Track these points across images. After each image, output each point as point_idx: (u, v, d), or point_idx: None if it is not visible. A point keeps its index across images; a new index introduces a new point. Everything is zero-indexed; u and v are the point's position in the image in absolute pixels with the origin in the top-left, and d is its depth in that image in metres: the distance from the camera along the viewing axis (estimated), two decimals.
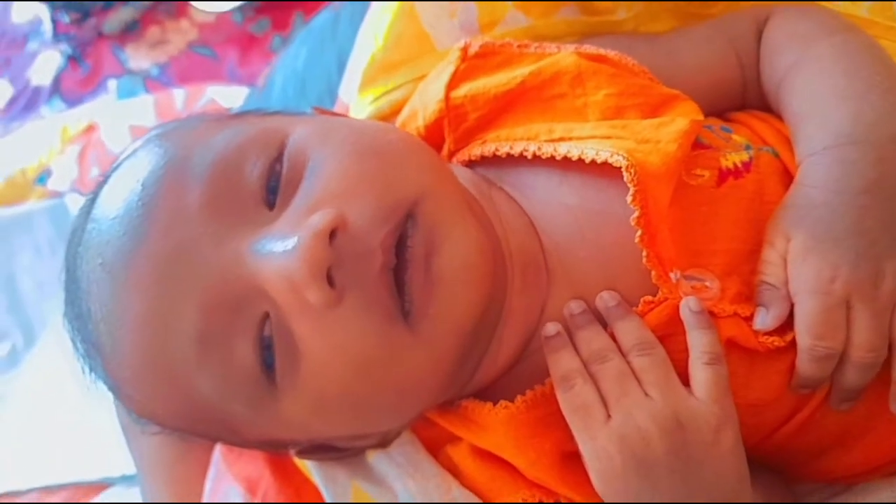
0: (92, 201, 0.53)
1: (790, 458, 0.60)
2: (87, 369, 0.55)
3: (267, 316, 0.48)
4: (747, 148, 0.60)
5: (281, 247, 0.46)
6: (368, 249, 0.47)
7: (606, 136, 0.56)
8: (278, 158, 0.50)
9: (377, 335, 0.47)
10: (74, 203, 1.18)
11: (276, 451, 0.63)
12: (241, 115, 0.57)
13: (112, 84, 1.57)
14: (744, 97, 0.68)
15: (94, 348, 0.51)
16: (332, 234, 0.46)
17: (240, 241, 0.48)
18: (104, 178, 0.53)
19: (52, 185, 1.22)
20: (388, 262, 0.48)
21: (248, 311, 0.48)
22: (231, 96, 1.32)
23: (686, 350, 0.54)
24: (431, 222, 0.49)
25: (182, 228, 0.48)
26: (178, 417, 0.52)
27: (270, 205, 0.49)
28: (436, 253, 0.48)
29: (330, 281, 0.46)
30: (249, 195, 0.49)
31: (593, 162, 0.55)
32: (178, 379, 0.49)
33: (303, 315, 0.47)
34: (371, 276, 0.47)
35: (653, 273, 0.54)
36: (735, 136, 0.61)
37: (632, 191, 0.52)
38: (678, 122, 0.56)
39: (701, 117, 0.58)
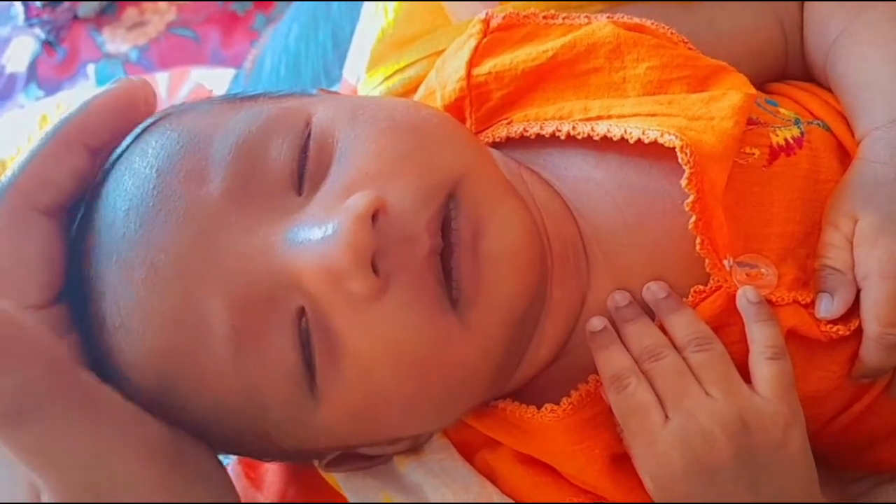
0: (96, 193, 0.48)
1: (840, 448, 0.57)
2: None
3: (302, 311, 0.44)
4: (797, 122, 0.56)
5: (318, 233, 0.42)
6: (413, 233, 0.43)
7: (651, 114, 0.52)
8: (305, 140, 0.46)
9: (426, 326, 0.44)
10: None
11: (304, 463, 0.59)
12: (254, 97, 0.52)
13: (91, 69, 1.51)
14: (785, 67, 0.65)
15: (108, 358, 0.46)
16: (374, 218, 0.42)
17: (268, 230, 0.44)
18: (108, 166, 0.48)
19: None
20: (435, 247, 0.44)
21: (282, 306, 0.44)
22: (216, 79, 1.28)
23: (741, 341, 0.50)
24: (476, 202, 0.46)
25: (205, 218, 0.44)
26: (204, 429, 0.47)
27: (299, 190, 0.45)
28: (483, 235, 0.45)
29: (374, 269, 0.42)
30: (276, 180, 0.45)
31: (638, 142, 0.51)
32: (210, 385, 0.45)
33: (345, 308, 0.43)
34: (417, 262, 0.43)
35: (707, 261, 0.50)
36: (782, 110, 0.58)
37: (687, 173, 0.48)
38: (731, 97, 0.52)
39: (753, 90, 0.54)
